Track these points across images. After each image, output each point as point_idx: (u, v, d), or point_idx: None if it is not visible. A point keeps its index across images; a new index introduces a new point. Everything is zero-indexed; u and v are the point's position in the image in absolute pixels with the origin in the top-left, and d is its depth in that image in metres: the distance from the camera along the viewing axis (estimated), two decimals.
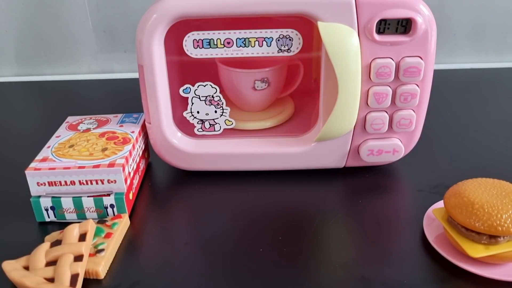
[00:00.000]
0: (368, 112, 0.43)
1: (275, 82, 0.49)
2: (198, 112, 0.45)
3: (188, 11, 0.40)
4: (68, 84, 0.74)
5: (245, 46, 0.41)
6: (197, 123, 0.45)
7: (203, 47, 0.42)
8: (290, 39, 0.41)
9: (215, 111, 0.45)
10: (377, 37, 0.39)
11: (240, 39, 0.41)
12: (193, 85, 0.44)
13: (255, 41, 0.41)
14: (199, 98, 0.44)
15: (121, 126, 0.47)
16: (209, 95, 0.44)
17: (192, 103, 0.44)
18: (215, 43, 0.41)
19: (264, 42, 0.41)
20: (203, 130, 0.46)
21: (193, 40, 0.41)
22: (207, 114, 0.45)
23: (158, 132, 0.45)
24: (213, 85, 0.44)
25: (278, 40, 0.41)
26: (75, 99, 0.69)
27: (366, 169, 0.47)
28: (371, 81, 0.41)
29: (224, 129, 0.46)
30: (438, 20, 0.40)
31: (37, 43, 0.74)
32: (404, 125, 0.43)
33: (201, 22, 0.44)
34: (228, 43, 0.41)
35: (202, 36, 0.41)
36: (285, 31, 0.41)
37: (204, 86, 0.44)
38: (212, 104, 0.44)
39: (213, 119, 0.45)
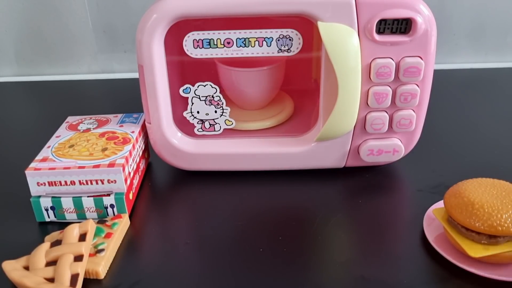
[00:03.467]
0: (368, 112, 0.43)
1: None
2: (198, 112, 0.45)
3: (188, 11, 0.40)
4: (68, 84, 0.74)
5: (245, 46, 0.41)
6: (197, 123, 0.45)
7: (203, 47, 0.42)
8: (290, 39, 0.41)
9: (215, 111, 0.45)
10: (377, 37, 0.39)
11: (240, 39, 0.41)
12: (193, 85, 0.44)
13: (255, 41, 0.41)
14: (199, 98, 0.44)
15: (121, 126, 0.47)
16: (209, 95, 0.44)
17: (192, 103, 0.44)
18: (215, 43, 0.41)
19: (264, 42, 0.41)
20: (203, 130, 0.46)
21: (193, 40, 0.41)
22: (207, 114, 0.45)
23: (158, 132, 0.45)
24: (213, 85, 0.44)
25: (278, 40, 0.41)
26: (75, 99, 0.69)
27: (366, 169, 0.47)
28: (371, 81, 0.41)
29: (224, 129, 0.46)
30: (438, 20, 0.40)
31: (37, 43, 0.74)
32: (404, 125, 0.43)
33: (201, 22, 0.44)
34: (228, 43, 0.41)
35: (202, 36, 0.41)
36: (285, 31, 0.41)
37: (204, 86, 0.44)
38: (212, 104, 0.44)
39: (213, 119, 0.45)
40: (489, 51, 0.75)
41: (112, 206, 0.41)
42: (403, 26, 0.39)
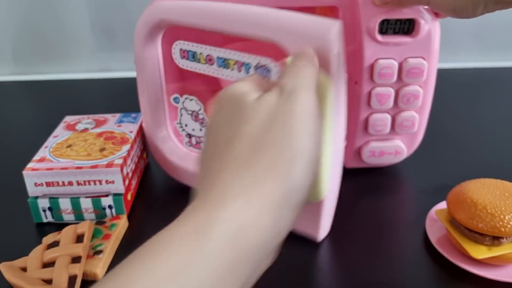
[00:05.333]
0: (370, 113, 0.43)
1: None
2: (186, 125, 0.43)
3: (170, 18, 0.37)
4: (66, 83, 0.73)
5: (224, 67, 0.37)
6: (186, 135, 0.43)
7: (188, 59, 0.38)
8: (267, 70, 0.34)
9: (200, 129, 0.42)
10: (379, 37, 0.39)
11: (220, 58, 0.36)
12: (181, 95, 0.41)
13: (234, 64, 0.36)
14: (186, 111, 0.42)
15: (119, 126, 0.47)
16: (195, 111, 0.41)
17: (181, 115, 0.42)
18: (198, 57, 0.38)
19: (243, 68, 0.35)
20: (191, 145, 0.44)
21: (180, 49, 0.38)
22: (193, 129, 0.42)
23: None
24: (198, 102, 0.41)
25: (256, 68, 0.35)
26: (73, 98, 0.68)
27: (368, 170, 0.47)
28: (373, 82, 0.41)
29: None
30: (441, 19, 0.40)
31: (35, 41, 0.73)
32: (406, 126, 0.43)
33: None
34: (210, 60, 0.37)
35: (187, 47, 0.38)
36: (263, 60, 0.34)
37: (190, 100, 0.41)
38: (197, 121, 0.42)
39: (199, 137, 0.43)
40: (493, 50, 0.74)
41: (110, 207, 0.40)
42: (406, 26, 0.39)
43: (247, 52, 0.35)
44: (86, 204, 0.40)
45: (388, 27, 0.39)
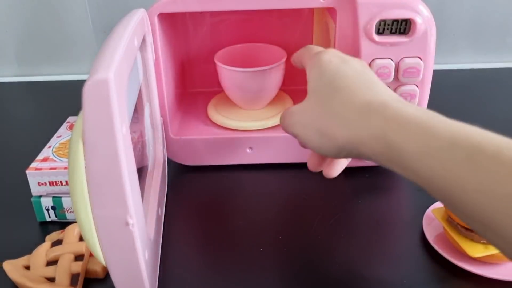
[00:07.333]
0: None
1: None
2: None
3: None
4: (69, 84, 0.73)
5: None
6: None
7: None
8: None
9: None
10: (376, 37, 0.39)
11: None
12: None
13: None
14: None
15: None
16: None
17: None
18: None
19: None
20: None
21: None
22: None
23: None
24: None
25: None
26: (76, 99, 0.68)
27: (365, 169, 0.47)
28: None
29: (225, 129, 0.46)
30: (438, 20, 0.40)
31: (38, 43, 0.74)
32: None
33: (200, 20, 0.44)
34: None
35: None
36: None
37: None
38: None
39: None
40: (489, 51, 0.75)
41: None
42: (403, 26, 0.39)
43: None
44: None
45: (385, 27, 0.39)
